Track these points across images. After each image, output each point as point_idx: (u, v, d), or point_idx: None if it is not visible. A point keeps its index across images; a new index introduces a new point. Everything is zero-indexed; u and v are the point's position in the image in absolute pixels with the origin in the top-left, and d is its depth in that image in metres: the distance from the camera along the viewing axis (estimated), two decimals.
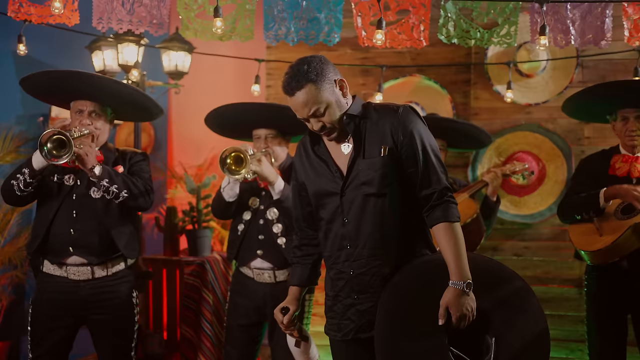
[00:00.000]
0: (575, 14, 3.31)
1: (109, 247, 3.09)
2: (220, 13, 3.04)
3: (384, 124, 2.36)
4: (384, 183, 2.35)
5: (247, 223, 3.39)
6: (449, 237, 2.32)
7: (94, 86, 3.13)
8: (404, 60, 4.63)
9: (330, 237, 2.45)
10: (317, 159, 2.47)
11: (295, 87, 2.28)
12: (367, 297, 2.39)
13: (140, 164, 3.27)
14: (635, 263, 3.23)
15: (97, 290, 3.08)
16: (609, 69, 4.51)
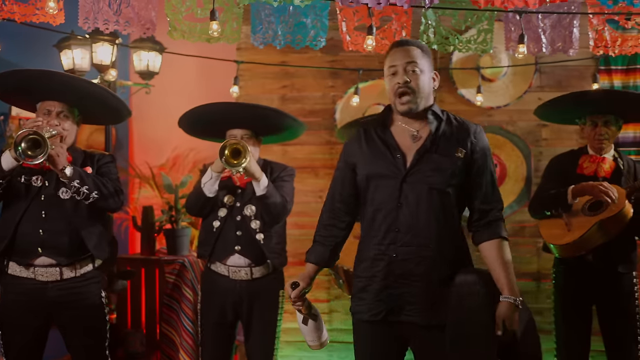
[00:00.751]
0: (545, 23, 3.54)
1: (78, 248, 3.07)
2: (216, 16, 3.09)
3: (463, 132, 2.51)
4: (450, 182, 2.47)
5: (223, 219, 3.39)
6: (505, 253, 2.50)
7: (66, 87, 3.11)
8: (372, 64, 4.78)
9: (379, 218, 2.51)
10: (380, 142, 2.55)
11: (410, 43, 2.53)
12: (405, 282, 2.47)
13: (109, 166, 3.26)
14: (599, 258, 3.45)
15: (66, 292, 3.05)
16: (565, 75, 4.79)
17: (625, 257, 3.51)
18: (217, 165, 3.31)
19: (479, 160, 2.51)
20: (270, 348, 3.49)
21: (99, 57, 4.31)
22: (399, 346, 2.59)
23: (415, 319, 2.48)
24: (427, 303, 2.47)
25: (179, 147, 5.72)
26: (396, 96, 2.49)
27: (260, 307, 3.42)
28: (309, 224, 4.95)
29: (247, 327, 3.45)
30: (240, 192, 3.42)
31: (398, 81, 2.47)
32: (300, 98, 4.97)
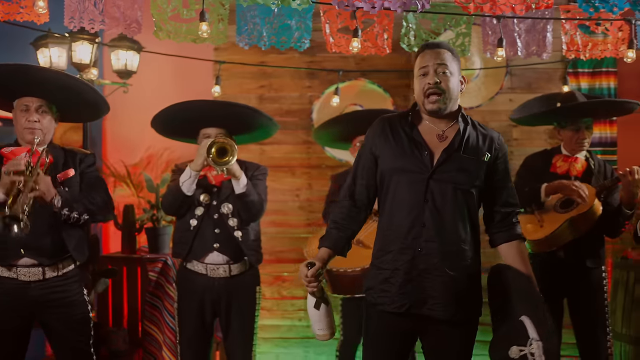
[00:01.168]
0: (521, 28, 3.67)
1: (60, 249, 3.08)
2: (206, 18, 3.15)
3: (488, 138, 2.61)
4: (474, 183, 2.57)
5: (200, 218, 3.40)
6: (525, 255, 2.65)
7: (44, 80, 3.07)
8: (349, 65, 4.88)
9: (403, 213, 2.57)
10: (407, 138, 2.60)
11: (441, 46, 2.60)
12: (428, 277, 2.53)
13: (94, 172, 3.27)
14: (570, 253, 3.60)
15: (48, 291, 3.06)
16: (534, 77, 4.95)
17: (594, 252, 3.67)
18: (196, 164, 3.32)
19: (501, 165, 2.62)
20: (249, 344, 3.53)
21: (78, 55, 4.31)
22: (412, 339, 2.69)
23: (437, 313, 2.55)
24: (450, 298, 2.54)
25: (152, 146, 5.72)
26: (425, 96, 2.55)
27: (239, 304, 3.46)
28: (285, 222, 5.04)
29: (226, 324, 3.47)
30: (216, 190, 3.44)
31: (428, 81, 2.53)
32: (278, 98, 5.03)
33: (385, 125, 2.67)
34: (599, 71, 4.87)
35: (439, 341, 2.62)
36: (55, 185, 3.05)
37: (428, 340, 2.65)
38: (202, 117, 3.49)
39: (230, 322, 3.46)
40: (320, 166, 4.99)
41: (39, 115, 3.07)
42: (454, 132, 2.58)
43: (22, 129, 3.07)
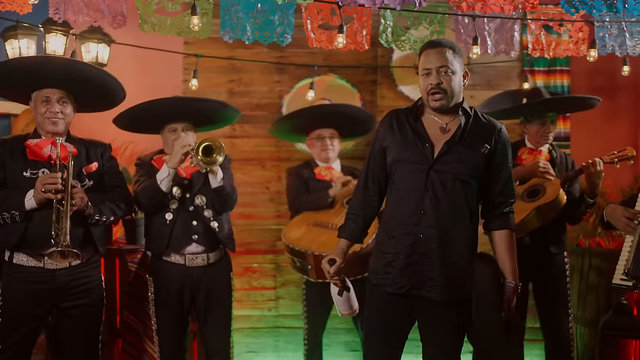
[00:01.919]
0: (490, 27, 3.88)
1: (87, 239, 3.21)
2: (197, 12, 3.22)
3: (488, 130, 2.77)
4: (472, 174, 2.74)
5: (175, 211, 3.49)
6: (513, 243, 2.82)
7: (67, 71, 3.14)
8: (317, 60, 4.99)
9: (404, 201, 2.76)
10: (411, 131, 2.77)
11: (443, 44, 2.72)
12: (427, 261, 2.72)
13: (116, 168, 3.40)
14: (535, 240, 3.84)
15: (72, 277, 3.17)
16: (494, 75, 5.19)
17: (558, 239, 3.92)
18: (173, 162, 3.41)
19: (499, 157, 2.79)
20: (227, 330, 3.66)
21: (51, 47, 4.28)
22: (410, 319, 2.87)
23: (434, 295, 2.74)
24: (446, 281, 2.73)
25: (116, 139, 5.64)
26: (429, 94, 2.73)
27: (217, 292, 3.58)
28: (255, 214, 5.13)
29: (205, 312, 3.57)
30: (187, 183, 3.55)
31: (431, 82, 2.70)
32: (248, 92, 5.10)
33: (393, 119, 2.87)
34: (554, 69, 5.15)
35: (435, 321, 2.80)
36: (81, 180, 3.14)
37: (424, 320, 2.84)
38: (166, 113, 3.59)
39: (209, 310, 3.57)
40: (290, 159, 5.09)
41: (61, 106, 3.15)
42: (457, 125, 2.77)
43: (43, 119, 3.15)
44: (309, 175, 4.18)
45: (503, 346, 2.83)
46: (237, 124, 4.90)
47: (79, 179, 3.20)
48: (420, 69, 2.77)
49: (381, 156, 2.86)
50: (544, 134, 3.87)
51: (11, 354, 3.13)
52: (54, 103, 3.16)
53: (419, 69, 2.78)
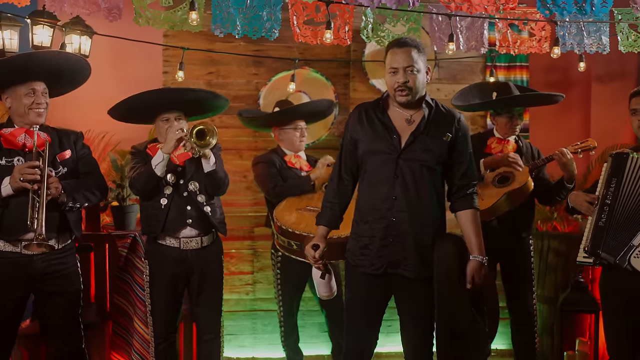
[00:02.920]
0: (462, 25, 4.16)
1: (63, 225, 3.35)
2: (196, 7, 3.39)
3: (449, 120, 3.06)
4: (437, 160, 3.01)
5: (170, 197, 3.66)
6: (478, 222, 3.09)
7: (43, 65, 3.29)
8: (293, 54, 5.19)
9: (376, 188, 3.01)
10: (380, 123, 3.02)
11: (408, 44, 2.97)
12: (401, 242, 2.99)
13: (89, 156, 3.53)
14: (503, 223, 4.15)
15: (50, 263, 3.31)
16: (459, 69, 5.47)
17: (527, 223, 4.24)
18: (167, 148, 3.56)
19: (461, 143, 3.08)
20: (218, 311, 3.86)
21: (38, 38, 4.37)
22: (387, 295, 3.13)
23: (409, 273, 3.01)
24: (419, 260, 3.01)
25: (92, 130, 5.74)
26: (396, 91, 3.00)
27: (210, 274, 3.77)
28: (233, 202, 5.29)
29: (198, 294, 3.75)
30: (180, 170, 3.71)
31: (397, 80, 2.97)
32: (226, 84, 5.26)
33: (362, 113, 3.12)
34: (514, 65, 5.47)
35: (409, 296, 3.07)
36: (55, 167, 3.27)
37: (400, 295, 3.10)
38: (159, 103, 3.74)
39: (202, 291, 3.75)
40: (266, 149, 5.23)
41: (44, 98, 3.26)
42: (420, 117, 3.04)
43: (27, 110, 3.25)
44: (280, 164, 4.37)
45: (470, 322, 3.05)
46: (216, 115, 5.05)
47: (53, 167, 3.33)
48: (387, 67, 3.03)
49: (352, 147, 3.11)
50: (512, 127, 4.18)
51: None
52: (40, 95, 3.30)
53: (386, 66, 3.04)
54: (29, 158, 3.24)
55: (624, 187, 3.17)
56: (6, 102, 3.34)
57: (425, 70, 3.04)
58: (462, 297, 2.99)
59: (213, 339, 3.80)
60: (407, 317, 3.10)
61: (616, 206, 3.17)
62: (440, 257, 2.98)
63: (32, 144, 3.23)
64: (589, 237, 3.24)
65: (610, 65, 5.74)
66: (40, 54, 3.37)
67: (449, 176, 3.12)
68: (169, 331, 3.75)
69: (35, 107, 3.28)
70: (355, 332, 3.16)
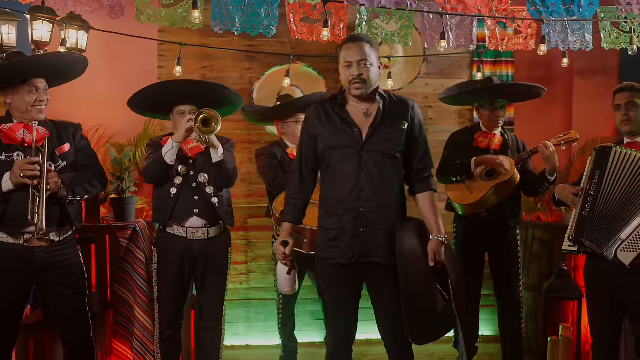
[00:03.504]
0: (452, 22, 4.30)
1: (64, 217, 3.43)
2: (198, 5, 3.50)
3: (403, 109, 3.20)
4: (398, 149, 3.14)
5: (179, 187, 3.78)
6: (435, 203, 3.22)
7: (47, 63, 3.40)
8: (285, 49, 5.32)
9: (342, 181, 3.12)
10: (339, 119, 3.15)
11: (361, 39, 3.11)
12: (370, 231, 3.12)
13: (88, 148, 3.62)
14: (492, 214, 4.30)
15: (51, 254, 3.38)
16: (447, 64, 5.65)
17: (514, 214, 4.40)
18: (178, 137, 3.70)
19: (416, 130, 3.23)
20: (221, 298, 3.98)
21: (37, 34, 4.45)
22: (361, 283, 3.26)
23: (379, 259, 3.14)
24: (388, 247, 3.13)
25: (86, 123, 5.79)
26: (350, 84, 3.13)
27: (214, 263, 3.89)
28: None
29: (202, 281, 3.88)
30: (192, 162, 3.83)
31: (352, 73, 3.10)
32: (220, 78, 5.37)
33: (320, 110, 3.24)
34: (500, 60, 5.65)
35: (381, 282, 3.20)
36: (54, 161, 3.36)
37: (372, 281, 3.23)
38: (176, 95, 3.83)
39: (206, 280, 3.87)
40: (260, 141, 5.42)
41: (45, 95, 3.35)
42: (376, 109, 3.18)
43: (30, 107, 3.32)
44: (282, 156, 4.48)
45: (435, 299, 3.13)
46: None
47: (53, 160, 3.39)
48: (342, 61, 3.16)
49: (313, 143, 3.22)
50: (494, 119, 4.33)
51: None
52: (42, 92, 3.37)
53: (341, 61, 3.17)
54: (28, 153, 3.31)
55: (607, 180, 3.32)
56: (7, 98, 3.39)
57: (377, 65, 3.17)
58: (426, 276, 3.10)
59: (214, 326, 3.93)
60: (380, 302, 3.22)
61: (599, 197, 3.32)
62: (402, 240, 3.09)
63: (31, 140, 3.30)
64: (573, 226, 3.39)
65: (592, 61, 5.92)
66: (44, 57, 3.45)
67: (407, 162, 3.24)
68: (174, 318, 3.87)
69: (37, 105, 3.35)
70: (340, 321, 3.29)
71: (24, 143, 3.34)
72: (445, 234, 3.18)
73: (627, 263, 3.18)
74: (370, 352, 5.18)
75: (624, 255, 3.19)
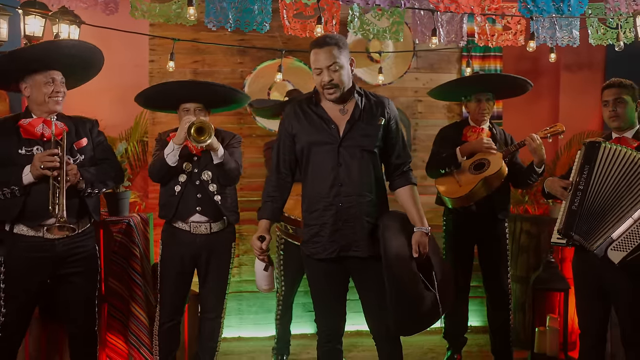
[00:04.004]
0: (442, 18, 4.35)
1: (83, 209, 3.50)
2: (193, 2, 3.52)
3: (380, 105, 3.23)
4: (375, 144, 3.18)
5: (183, 184, 3.84)
6: (416, 196, 3.27)
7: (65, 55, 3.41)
8: (276, 43, 5.35)
9: (321, 178, 3.16)
10: (316, 116, 3.18)
11: (329, 42, 3.07)
12: (350, 225, 3.16)
13: (105, 142, 3.68)
14: (481, 207, 4.38)
15: (71, 246, 3.45)
16: (436, 59, 5.70)
17: (503, 206, 4.48)
18: (178, 139, 3.73)
19: (393, 125, 3.27)
20: (222, 292, 4.02)
21: (30, 28, 4.45)
22: (346, 277, 3.31)
23: (361, 253, 3.19)
24: (368, 239, 3.18)
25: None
26: (324, 89, 3.16)
27: (217, 257, 3.94)
28: None
29: (204, 274, 3.94)
30: (196, 159, 3.88)
31: (323, 79, 3.12)
32: (211, 73, 5.40)
33: (297, 109, 3.28)
34: (488, 55, 5.71)
35: (365, 274, 3.24)
36: (73, 155, 3.41)
37: (356, 274, 3.28)
38: (181, 93, 3.88)
39: (208, 272, 3.93)
40: (251, 135, 5.46)
41: (62, 87, 3.39)
42: (353, 105, 3.21)
43: (47, 99, 3.38)
44: None
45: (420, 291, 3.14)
46: None
47: (71, 154, 3.45)
48: (312, 67, 3.19)
49: (290, 142, 3.25)
50: (480, 111, 4.39)
51: (12, 320, 3.41)
52: (59, 84, 3.42)
53: (311, 65, 3.20)
54: (47, 147, 3.36)
55: (596, 175, 3.39)
56: (25, 91, 3.45)
57: (348, 64, 3.18)
58: (413, 275, 3.12)
59: (215, 318, 3.99)
60: (366, 293, 3.26)
61: (588, 192, 3.39)
62: (386, 240, 3.11)
63: (50, 134, 3.36)
64: (562, 220, 3.46)
65: (579, 55, 6.02)
66: (59, 42, 3.49)
67: (386, 157, 3.28)
68: (175, 312, 3.93)
69: (54, 96, 3.40)
70: (327, 317, 3.33)
71: (43, 137, 3.40)
72: (428, 226, 3.21)
73: (617, 262, 3.26)
74: (361, 343, 5.24)
75: (613, 254, 3.26)
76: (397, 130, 3.28)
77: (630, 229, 3.23)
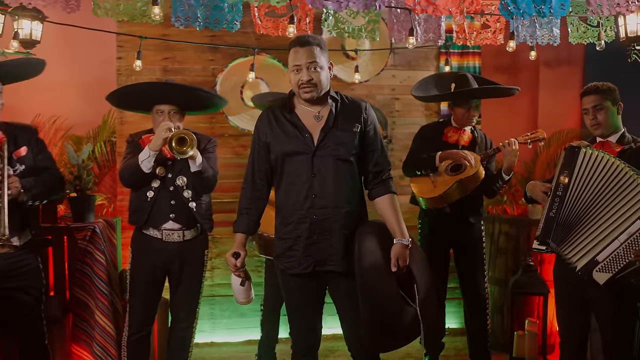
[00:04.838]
0: (420, 17, 4.21)
1: (24, 223, 3.33)
2: (158, 2, 3.34)
3: (356, 110, 3.06)
4: (351, 152, 3.02)
5: (156, 190, 3.67)
6: (396, 205, 3.10)
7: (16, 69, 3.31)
8: (249, 40, 5.18)
9: (295, 189, 3.00)
10: (289, 124, 3.01)
11: (310, 42, 2.94)
12: (326, 238, 3.00)
13: (45, 150, 3.48)
14: (455, 209, 4.29)
15: (11, 261, 3.27)
16: (413, 56, 5.57)
17: (476, 210, 4.38)
18: (155, 145, 3.55)
19: (371, 131, 3.10)
20: (195, 301, 3.89)
21: None
22: (322, 292, 3.16)
23: (337, 267, 3.03)
24: (345, 253, 3.02)
25: (42, 114, 5.63)
26: (300, 88, 2.99)
27: (189, 265, 3.79)
28: None
29: (177, 282, 3.79)
30: (170, 163, 3.71)
31: (301, 78, 2.96)
32: (182, 70, 5.22)
33: (270, 115, 3.11)
34: (467, 52, 5.58)
35: (342, 288, 3.09)
36: (12, 165, 3.22)
37: (333, 289, 3.13)
38: (154, 95, 3.73)
39: (181, 281, 3.78)
40: (224, 135, 5.29)
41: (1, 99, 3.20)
42: (327, 112, 3.06)
43: None
44: None
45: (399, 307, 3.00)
46: None
47: (10, 165, 3.26)
48: (290, 65, 3.02)
49: (265, 152, 3.09)
50: (469, 117, 4.30)
51: None
52: None
53: (289, 65, 3.03)
54: None
55: (575, 182, 3.27)
56: None
57: (327, 67, 3.04)
58: (390, 289, 2.97)
59: (186, 327, 3.86)
60: (343, 309, 3.13)
61: (566, 199, 3.28)
62: (360, 251, 2.97)
63: None
64: (540, 226, 3.36)
65: (558, 51, 5.90)
66: None
67: (363, 165, 3.13)
68: (145, 323, 3.78)
69: None
70: (302, 332, 3.20)
71: None
72: (409, 237, 3.05)
73: (602, 283, 3.16)
74: (337, 347, 5.13)
75: (599, 275, 3.16)
76: (375, 136, 3.11)
77: (616, 251, 3.12)
